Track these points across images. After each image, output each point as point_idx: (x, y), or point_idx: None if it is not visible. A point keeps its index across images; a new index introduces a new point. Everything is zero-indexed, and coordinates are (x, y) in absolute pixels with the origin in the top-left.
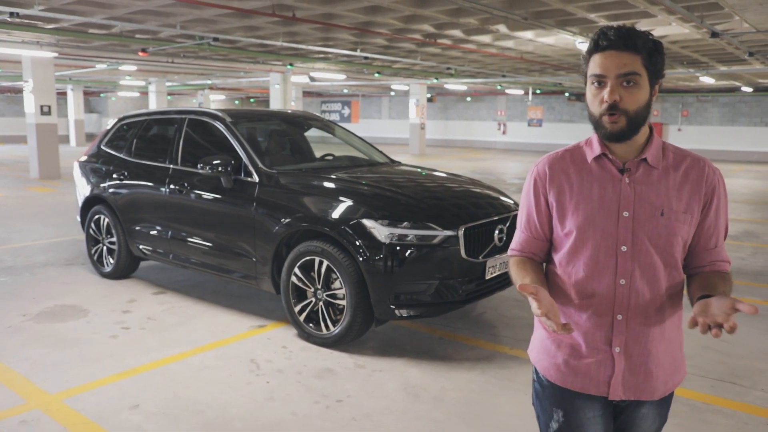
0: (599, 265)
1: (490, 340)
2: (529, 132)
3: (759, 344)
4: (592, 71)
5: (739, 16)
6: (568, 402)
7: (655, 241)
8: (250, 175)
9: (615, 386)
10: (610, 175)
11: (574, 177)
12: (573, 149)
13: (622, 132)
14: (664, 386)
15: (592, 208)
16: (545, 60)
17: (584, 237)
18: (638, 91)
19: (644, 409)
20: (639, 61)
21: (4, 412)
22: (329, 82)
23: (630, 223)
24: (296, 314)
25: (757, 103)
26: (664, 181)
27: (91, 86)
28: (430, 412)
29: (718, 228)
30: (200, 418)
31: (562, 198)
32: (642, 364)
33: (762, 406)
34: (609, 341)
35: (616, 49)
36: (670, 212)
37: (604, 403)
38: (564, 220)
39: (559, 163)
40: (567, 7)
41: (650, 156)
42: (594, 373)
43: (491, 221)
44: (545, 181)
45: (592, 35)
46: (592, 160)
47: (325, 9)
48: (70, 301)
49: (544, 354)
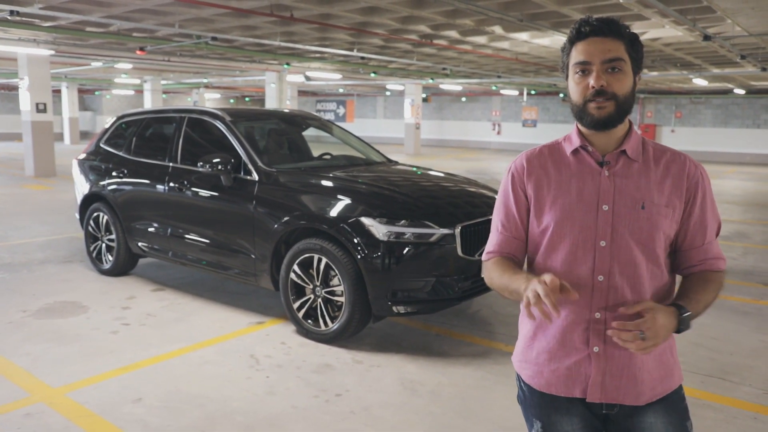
0: (577, 261)
1: (486, 337)
2: (523, 132)
3: (748, 341)
4: (575, 60)
5: (731, 20)
6: (546, 415)
7: (636, 236)
8: (250, 173)
9: (593, 388)
10: (589, 168)
11: (552, 171)
12: (551, 145)
13: (610, 117)
14: (652, 391)
15: (570, 202)
16: (540, 61)
17: (562, 232)
18: (624, 77)
19: (649, 417)
20: (623, 48)
21: (9, 405)
22: (325, 81)
23: (609, 216)
24: (295, 311)
25: (749, 105)
26: (645, 174)
27: (86, 84)
28: (427, 406)
29: (705, 224)
30: (202, 411)
31: (540, 192)
32: (625, 367)
33: (750, 400)
34: (587, 341)
35: (600, 35)
36: (651, 205)
37: (585, 416)
38: (541, 215)
39: (537, 158)
40: (562, 9)
41: (630, 148)
42: (573, 374)
43: (487, 220)
44: (523, 176)
45: (573, 25)
46: (570, 154)
47: (323, 9)
48: (69, 298)
49: (524, 361)
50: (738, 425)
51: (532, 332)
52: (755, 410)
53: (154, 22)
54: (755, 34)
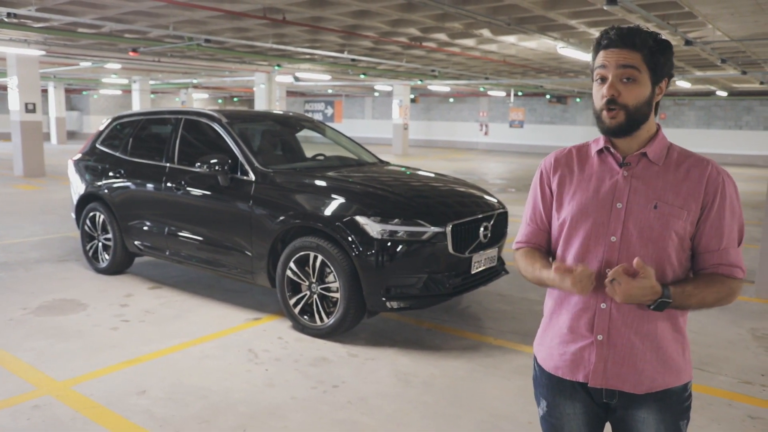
0: (589, 254)
1: (476, 331)
2: (510, 133)
3: (725, 334)
4: (595, 68)
5: (712, 25)
6: (551, 396)
7: (647, 234)
8: (247, 173)
9: (595, 373)
10: (609, 168)
11: (576, 169)
12: (581, 146)
13: (620, 127)
14: (652, 382)
15: (586, 198)
16: (527, 63)
17: (577, 225)
18: (637, 87)
19: (642, 412)
20: (639, 58)
21: (17, 398)
22: (314, 82)
23: (622, 214)
24: (291, 307)
25: (731, 107)
26: (663, 177)
27: (74, 84)
28: (420, 396)
29: (722, 229)
30: (205, 402)
31: (562, 188)
32: (627, 356)
33: (725, 389)
34: (592, 328)
35: (616, 47)
36: (664, 206)
37: (586, 402)
38: (561, 209)
39: (564, 157)
40: (548, 13)
41: (651, 151)
42: (578, 359)
43: (477, 219)
44: (550, 172)
45: (598, 34)
46: (594, 153)
47: (315, 12)
48: (68, 296)
49: (540, 344)
50: (714, 411)
51: (549, 318)
52: (730, 398)
53: (147, 23)
54: (735, 39)
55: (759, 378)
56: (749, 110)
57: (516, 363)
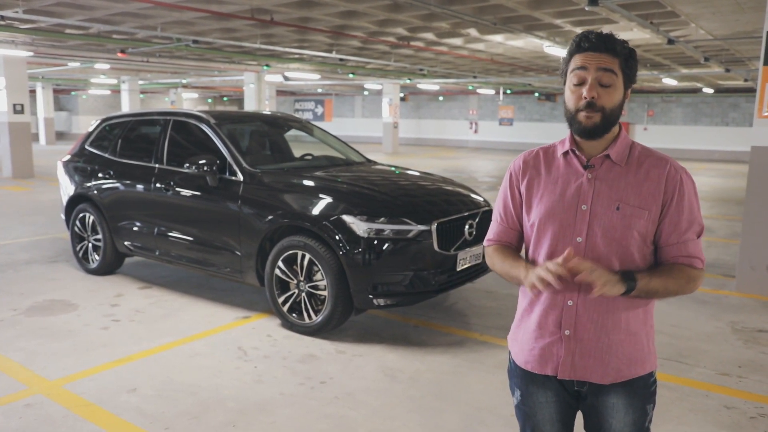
0: (557, 254)
1: (461, 327)
2: (500, 131)
3: (704, 328)
4: (572, 71)
5: (694, 24)
6: (524, 385)
7: (611, 234)
8: (235, 174)
9: (563, 366)
10: (574, 170)
11: (544, 172)
12: (547, 147)
13: (596, 127)
14: (618, 373)
15: (553, 201)
16: (515, 62)
17: (545, 227)
18: (614, 92)
19: (612, 398)
20: (617, 63)
21: (9, 397)
22: (303, 81)
23: (587, 216)
24: (280, 305)
25: (717, 103)
26: (624, 178)
27: (62, 84)
28: (406, 391)
29: (681, 224)
30: (195, 399)
31: (530, 191)
32: (594, 349)
33: (703, 380)
34: (559, 325)
35: (597, 51)
36: (626, 207)
37: (558, 391)
38: (530, 211)
39: (533, 159)
40: (534, 13)
41: (614, 153)
42: (546, 354)
43: (462, 217)
44: (519, 174)
45: (574, 38)
46: (560, 156)
47: (303, 13)
48: (58, 296)
49: (513, 339)
50: (691, 402)
51: (521, 315)
52: (707, 389)
53: (134, 24)
54: (718, 38)
55: (736, 370)
56: (735, 107)
57: (500, 358)
